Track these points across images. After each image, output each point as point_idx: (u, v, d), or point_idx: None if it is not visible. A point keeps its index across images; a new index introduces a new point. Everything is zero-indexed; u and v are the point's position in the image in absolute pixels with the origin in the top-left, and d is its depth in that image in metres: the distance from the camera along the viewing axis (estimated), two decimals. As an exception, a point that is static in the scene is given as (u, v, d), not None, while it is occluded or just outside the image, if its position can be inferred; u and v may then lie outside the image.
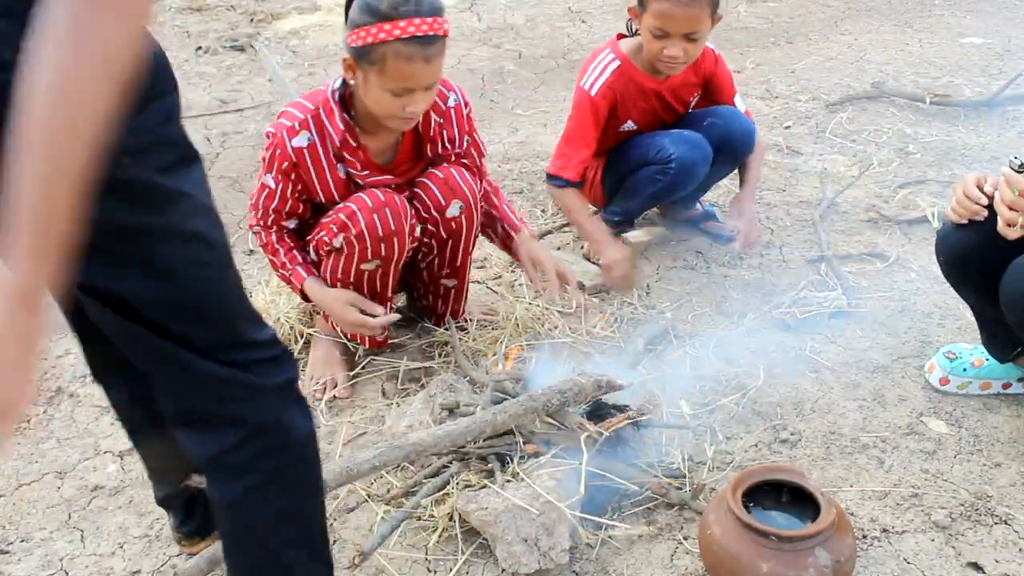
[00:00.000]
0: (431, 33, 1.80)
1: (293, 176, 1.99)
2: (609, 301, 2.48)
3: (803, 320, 2.32)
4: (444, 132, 2.09)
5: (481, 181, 2.19)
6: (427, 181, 2.09)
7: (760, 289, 2.50)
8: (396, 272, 2.12)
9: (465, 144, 2.14)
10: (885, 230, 2.77)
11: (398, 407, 2.02)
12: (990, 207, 1.72)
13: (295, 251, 2.10)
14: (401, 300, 2.45)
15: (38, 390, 0.92)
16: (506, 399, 1.84)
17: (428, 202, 2.07)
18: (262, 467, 1.17)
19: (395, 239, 2.01)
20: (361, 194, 1.99)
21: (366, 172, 2.03)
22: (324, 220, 2.03)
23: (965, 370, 2.01)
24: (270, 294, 2.45)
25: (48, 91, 0.77)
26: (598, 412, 1.89)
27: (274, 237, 2.08)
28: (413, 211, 2.05)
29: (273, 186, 2.00)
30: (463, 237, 2.16)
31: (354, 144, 1.99)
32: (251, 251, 2.87)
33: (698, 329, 2.33)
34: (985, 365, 2.00)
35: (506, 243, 2.29)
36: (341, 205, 2.00)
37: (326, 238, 2.01)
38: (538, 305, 2.43)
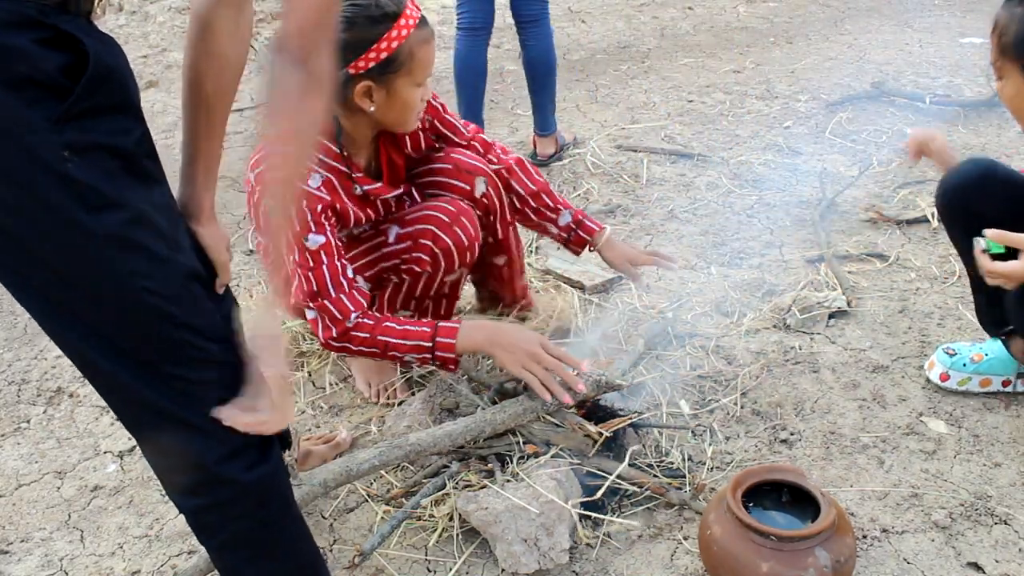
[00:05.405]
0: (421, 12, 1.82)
1: (331, 214, 1.85)
2: (610, 301, 2.48)
3: (803, 320, 2.32)
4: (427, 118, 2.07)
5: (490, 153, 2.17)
6: (441, 178, 2.06)
7: (760, 289, 2.50)
8: (468, 272, 2.12)
9: (428, 124, 2.08)
10: (885, 230, 2.77)
11: (398, 407, 2.02)
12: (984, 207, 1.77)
13: (392, 317, 1.85)
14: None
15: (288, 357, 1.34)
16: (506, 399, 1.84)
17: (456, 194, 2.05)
18: (231, 528, 1.22)
19: (476, 244, 2.01)
20: (430, 213, 1.96)
21: (380, 185, 1.97)
22: (391, 250, 1.98)
23: (965, 365, 2.01)
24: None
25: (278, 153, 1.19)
26: (597, 413, 1.89)
27: (369, 322, 1.80)
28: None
29: (323, 239, 1.79)
30: (498, 209, 2.13)
31: (353, 163, 1.93)
32: (251, 251, 2.87)
33: (698, 329, 2.33)
34: (985, 361, 2.00)
35: (576, 243, 2.21)
36: (412, 230, 1.95)
37: (416, 268, 1.96)
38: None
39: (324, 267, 1.79)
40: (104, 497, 1.90)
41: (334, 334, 1.80)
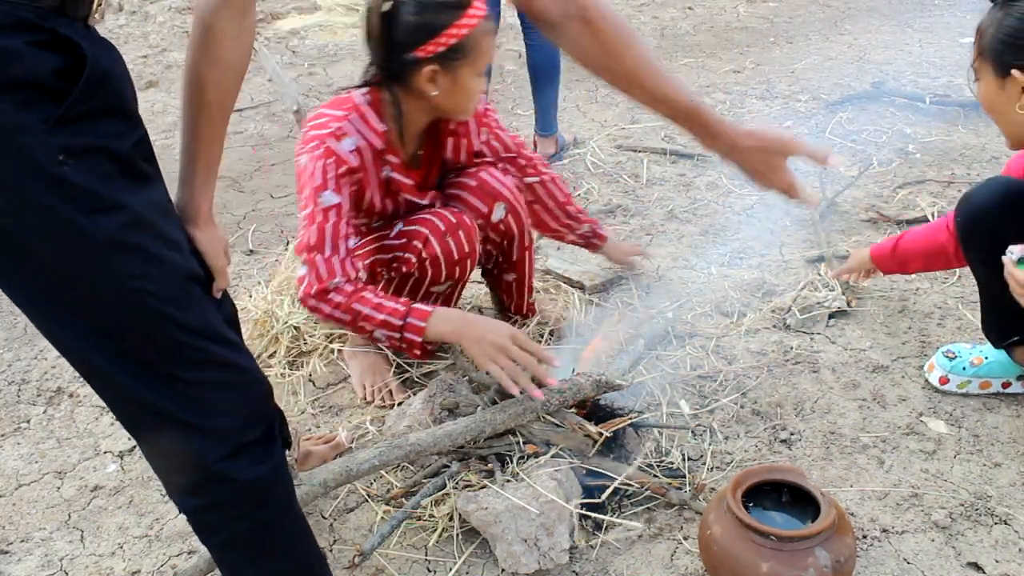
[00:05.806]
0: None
1: (353, 180, 1.87)
2: (610, 301, 2.48)
3: (803, 320, 2.32)
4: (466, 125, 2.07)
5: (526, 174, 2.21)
6: (463, 193, 2.07)
7: (760, 289, 2.50)
8: (462, 290, 2.13)
9: (484, 137, 2.11)
10: (885, 230, 2.77)
11: (398, 407, 2.02)
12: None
13: (372, 288, 1.86)
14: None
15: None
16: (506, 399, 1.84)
17: (471, 212, 2.06)
18: (230, 527, 1.23)
19: (468, 260, 2.02)
20: (429, 216, 1.97)
21: (411, 182, 1.99)
22: (388, 243, 2.00)
23: (964, 369, 2.01)
24: (271, 294, 2.44)
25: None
26: (597, 413, 1.89)
27: (349, 288, 1.81)
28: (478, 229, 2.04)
29: (337, 200, 1.81)
30: (516, 236, 2.15)
31: (393, 146, 1.94)
32: (251, 251, 2.87)
33: (698, 329, 2.33)
34: (984, 364, 2.00)
35: (589, 245, 2.42)
36: (409, 229, 1.97)
37: (403, 268, 1.98)
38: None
39: (328, 225, 1.81)
40: (104, 497, 1.90)
41: (312, 291, 1.81)
